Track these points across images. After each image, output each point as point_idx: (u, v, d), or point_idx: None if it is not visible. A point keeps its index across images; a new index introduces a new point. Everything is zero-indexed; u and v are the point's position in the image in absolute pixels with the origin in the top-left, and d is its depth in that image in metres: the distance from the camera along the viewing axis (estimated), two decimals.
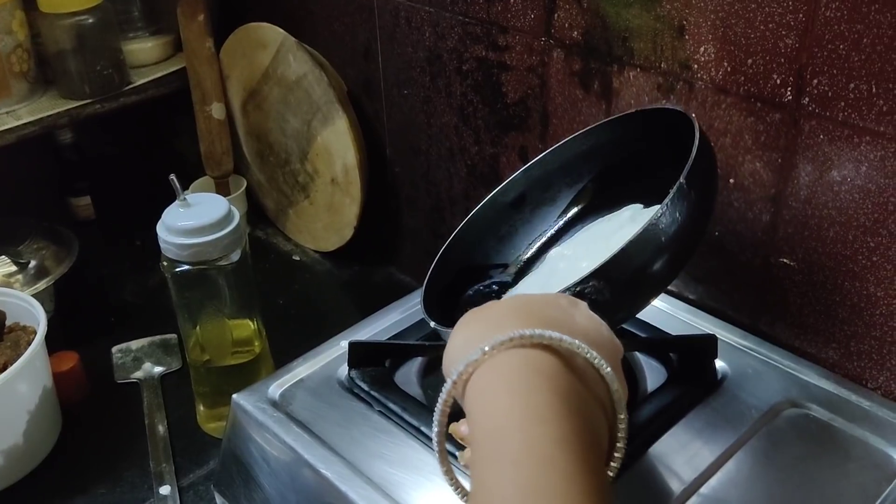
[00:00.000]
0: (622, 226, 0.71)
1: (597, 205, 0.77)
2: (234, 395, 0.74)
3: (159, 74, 1.17)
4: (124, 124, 1.25)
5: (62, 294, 1.06)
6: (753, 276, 0.76)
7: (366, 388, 0.72)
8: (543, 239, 0.78)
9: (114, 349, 1.03)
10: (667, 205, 0.58)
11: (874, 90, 0.61)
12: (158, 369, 1.00)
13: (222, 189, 1.21)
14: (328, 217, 1.14)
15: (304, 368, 0.76)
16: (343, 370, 0.75)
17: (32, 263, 1.03)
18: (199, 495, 0.84)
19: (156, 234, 0.81)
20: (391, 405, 0.71)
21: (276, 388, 0.74)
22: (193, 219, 0.79)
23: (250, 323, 0.90)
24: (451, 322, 0.68)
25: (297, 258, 1.21)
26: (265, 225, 1.27)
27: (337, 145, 1.06)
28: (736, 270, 0.77)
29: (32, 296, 1.00)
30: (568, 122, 0.84)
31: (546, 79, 0.84)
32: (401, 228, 1.11)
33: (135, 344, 1.03)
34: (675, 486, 0.63)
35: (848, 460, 0.65)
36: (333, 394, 0.73)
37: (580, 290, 0.56)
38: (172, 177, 0.80)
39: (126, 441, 0.91)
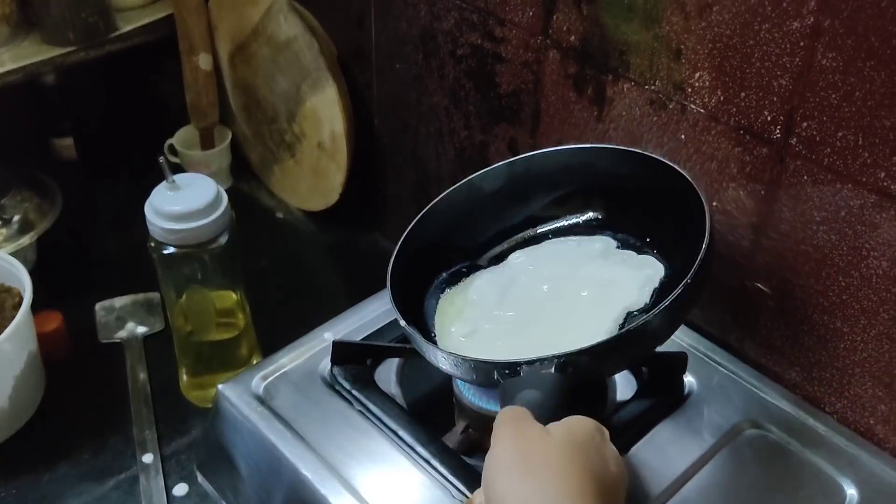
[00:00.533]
0: (591, 258, 0.73)
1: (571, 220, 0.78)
2: (220, 386, 0.76)
3: (146, 21, 1.14)
4: (109, 67, 1.23)
5: (44, 246, 1.06)
6: (728, 294, 0.78)
7: (347, 387, 0.75)
8: (512, 242, 0.79)
9: (97, 306, 1.04)
10: (665, 308, 0.60)
11: (860, 142, 0.62)
12: (142, 330, 1.01)
13: (207, 140, 1.21)
14: (313, 179, 1.14)
15: (288, 360, 0.78)
16: (326, 364, 0.77)
17: (16, 218, 1.03)
18: (181, 465, 0.87)
19: (140, 181, 0.81)
20: (370, 406, 0.73)
21: (260, 381, 0.76)
22: (182, 203, 0.80)
23: (233, 294, 0.92)
24: (412, 298, 0.72)
25: (281, 215, 1.21)
26: (249, 177, 1.27)
27: (325, 112, 1.06)
28: (712, 287, 0.79)
29: (17, 251, 1.01)
30: (559, 121, 0.84)
31: (540, 76, 0.83)
32: (387, 198, 1.12)
33: (118, 301, 1.05)
34: None
35: (800, 487, 0.68)
36: (316, 389, 0.76)
37: (566, 360, 0.58)
38: (162, 160, 0.80)
39: (109, 404, 0.93)
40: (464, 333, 0.70)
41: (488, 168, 0.78)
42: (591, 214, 0.77)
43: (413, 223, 0.75)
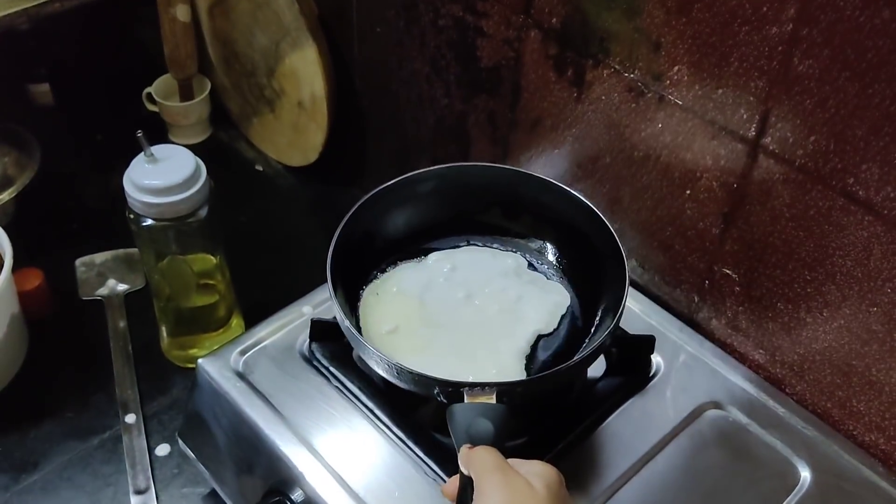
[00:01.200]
0: (503, 273, 0.78)
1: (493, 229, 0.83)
2: (200, 360, 0.78)
3: None
4: (86, 12, 1.20)
5: (23, 201, 1.06)
6: (697, 277, 0.80)
7: (324, 364, 0.77)
8: (435, 242, 0.82)
9: (77, 262, 1.05)
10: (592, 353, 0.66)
11: (832, 147, 0.64)
12: (122, 287, 1.03)
13: (186, 92, 1.19)
14: (293, 135, 1.14)
15: (266, 334, 0.80)
16: (304, 339, 0.79)
17: None
18: (163, 425, 0.90)
19: (118, 129, 0.81)
20: (347, 383, 0.76)
21: (238, 356, 0.78)
22: (161, 177, 0.80)
23: (212, 258, 0.93)
24: (351, 289, 0.75)
25: (261, 168, 1.21)
26: (228, 127, 1.26)
27: (305, 72, 1.05)
28: (682, 269, 0.81)
29: None
30: (539, 99, 0.84)
31: (521, 54, 0.83)
32: (366, 157, 1.12)
33: (98, 257, 1.05)
34: (603, 482, 0.70)
35: (757, 468, 0.72)
36: (294, 365, 0.78)
37: (506, 389, 0.63)
38: (140, 133, 0.80)
39: (92, 363, 0.95)
40: (386, 330, 0.74)
41: (427, 169, 0.79)
42: (513, 231, 0.82)
43: (351, 212, 0.75)
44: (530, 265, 0.80)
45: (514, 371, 0.71)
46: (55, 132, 1.19)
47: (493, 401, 0.61)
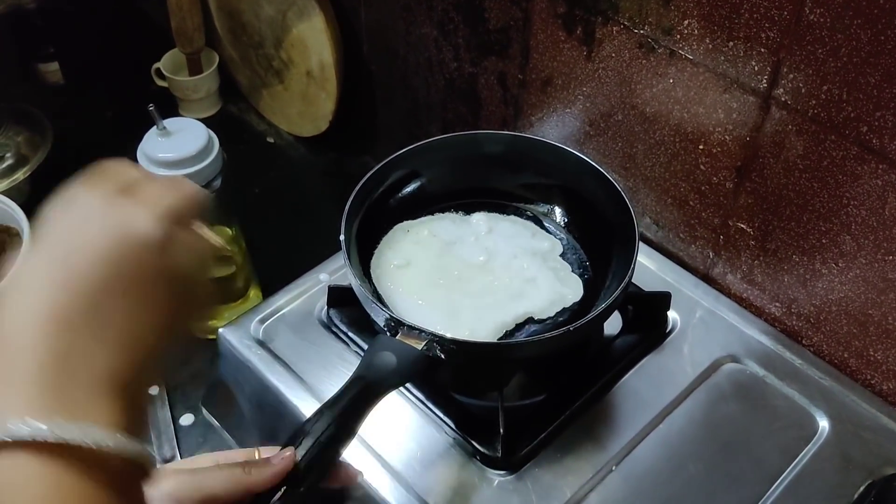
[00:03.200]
0: (533, 252, 0.79)
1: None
2: (221, 330, 0.79)
3: None
4: None
5: (38, 180, 1.07)
6: (711, 232, 0.80)
7: (343, 329, 0.78)
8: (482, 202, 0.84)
9: None
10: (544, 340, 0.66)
11: (845, 96, 0.63)
12: None
13: (194, 65, 1.19)
14: (303, 105, 1.14)
15: (285, 302, 0.81)
16: (323, 306, 0.80)
17: (8, 154, 1.03)
18: (186, 395, 0.91)
19: (128, 105, 0.81)
20: (366, 347, 0.76)
21: (258, 325, 0.79)
22: (173, 150, 0.80)
23: (228, 230, 0.93)
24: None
25: (272, 140, 1.22)
26: (238, 99, 1.26)
27: (313, 41, 1.05)
28: (696, 225, 0.81)
29: (11, 187, 1.02)
30: (549, 59, 0.84)
31: (529, 14, 0.83)
32: (377, 124, 1.12)
33: None
34: (621, 439, 0.71)
35: (775, 419, 0.73)
36: (313, 331, 0.78)
37: (438, 342, 0.63)
38: (151, 107, 0.80)
39: None
40: (397, 263, 0.76)
41: (496, 132, 0.81)
42: (559, 214, 0.82)
43: (405, 150, 0.78)
44: (563, 253, 0.79)
45: (484, 339, 0.72)
46: (66, 111, 1.19)
47: (419, 347, 0.62)
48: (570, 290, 0.76)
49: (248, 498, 0.52)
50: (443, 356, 0.64)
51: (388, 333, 0.65)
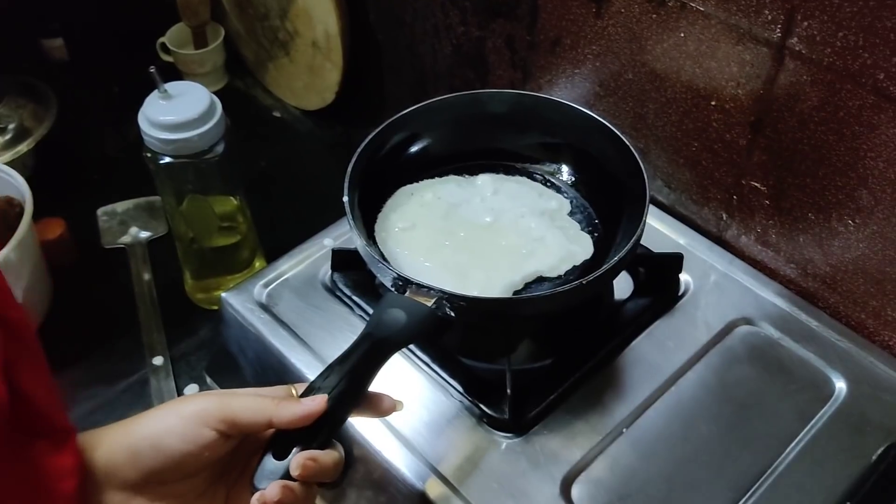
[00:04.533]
0: (540, 212, 0.77)
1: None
2: (224, 294, 0.77)
3: None
4: None
5: (42, 153, 1.06)
6: (724, 192, 0.78)
7: (347, 293, 0.76)
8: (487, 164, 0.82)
9: (99, 211, 1.05)
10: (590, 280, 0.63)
11: (861, 42, 0.61)
12: (145, 234, 1.02)
13: (199, 39, 1.18)
14: (309, 77, 1.12)
15: (289, 267, 0.79)
16: (326, 270, 0.79)
17: (11, 126, 1.03)
18: (190, 365, 0.90)
19: (133, 79, 0.80)
20: (371, 310, 0.75)
21: (262, 289, 0.77)
22: (175, 113, 0.79)
23: (233, 200, 0.92)
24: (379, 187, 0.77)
25: (278, 114, 1.20)
26: (244, 74, 1.25)
27: (318, 10, 1.03)
28: (709, 185, 0.79)
29: (15, 159, 1.01)
30: (557, 18, 0.82)
31: None
32: (384, 95, 1.11)
33: (120, 206, 1.05)
34: (631, 401, 0.69)
35: (790, 381, 0.71)
36: (317, 295, 0.77)
37: (448, 300, 0.62)
38: (153, 69, 0.79)
39: (117, 309, 0.95)
40: (402, 226, 0.75)
41: (499, 90, 0.78)
42: (566, 172, 0.80)
43: (407, 111, 0.76)
44: (572, 211, 0.77)
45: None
46: (71, 85, 1.18)
47: (429, 304, 0.61)
48: (581, 247, 0.74)
49: (270, 432, 0.52)
50: (452, 314, 0.62)
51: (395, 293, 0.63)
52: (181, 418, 0.50)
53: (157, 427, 0.50)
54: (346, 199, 0.69)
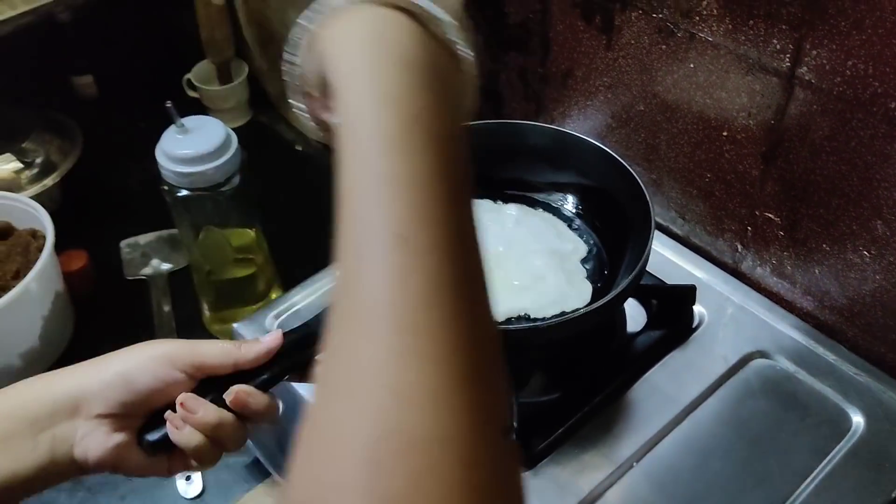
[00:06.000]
0: (553, 252, 0.76)
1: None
2: (235, 325, 0.78)
3: None
4: (123, 3, 1.23)
5: (67, 186, 1.08)
6: (738, 223, 0.77)
7: None
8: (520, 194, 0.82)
9: (122, 244, 1.06)
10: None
11: (871, 71, 0.61)
12: (166, 266, 1.04)
13: (224, 75, 1.20)
14: None
15: (301, 298, 0.80)
16: None
17: (38, 160, 1.05)
18: None
19: (159, 116, 0.81)
20: None
21: (273, 319, 0.78)
22: (192, 147, 0.80)
23: (250, 232, 0.93)
24: None
25: (300, 148, 1.22)
26: (267, 109, 1.27)
27: None
28: (723, 217, 0.78)
29: (42, 192, 1.03)
30: (568, 50, 0.83)
31: (548, 5, 0.82)
32: None
33: (142, 238, 1.07)
34: (643, 434, 0.68)
35: (806, 415, 0.69)
36: None
37: None
38: (169, 104, 0.80)
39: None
40: None
41: (540, 124, 0.79)
42: (584, 211, 0.80)
43: None
44: (586, 258, 0.77)
45: None
46: (99, 120, 1.21)
47: None
48: (577, 294, 0.73)
49: (236, 373, 0.54)
50: None
51: None
52: (152, 359, 0.53)
53: (129, 364, 0.53)
54: None
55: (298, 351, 0.56)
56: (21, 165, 1.04)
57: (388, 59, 0.38)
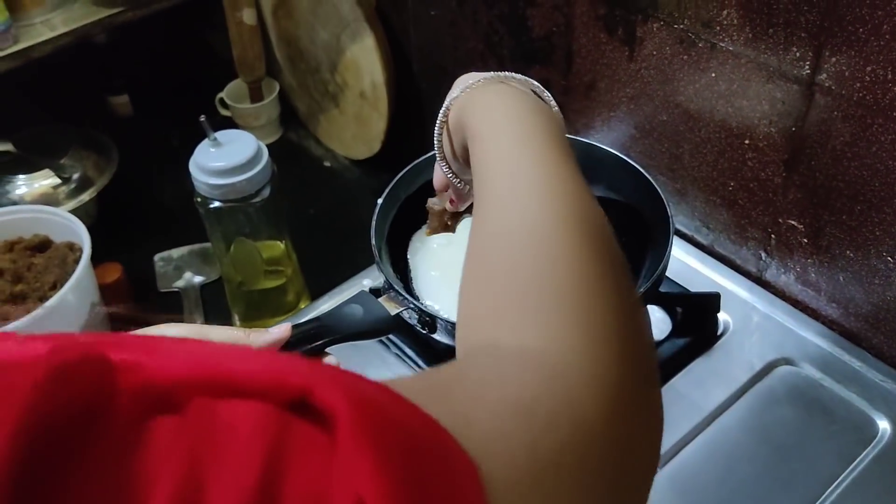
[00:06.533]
0: None
1: None
2: None
3: None
4: (159, 24, 1.26)
5: (103, 201, 1.11)
6: (762, 231, 0.78)
7: None
8: None
9: (156, 257, 1.09)
10: None
11: (890, 76, 0.61)
12: (198, 279, 1.06)
13: (255, 93, 1.23)
14: (357, 128, 1.16)
15: (327, 307, 0.81)
16: None
17: (75, 176, 1.08)
18: None
19: (193, 134, 0.84)
20: (406, 349, 0.76)
21: None
22: (224, 159, 0.82)
23: (280, 244, 0.95)
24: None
25: (328, 164, 1.24)
26: (297, 126, 1.29)
27: (365, 61, 1.07)
28: (747, 225, 0.79)
29: (78, 207, 1.06)
30: (591, 62, 0.84)
31: (571, 19, 0.83)
32: (426, 143, 1.13)
33: (175, 252, 1.09)
34: (668, 440, 0.68)
35: (832, 422, 0.69)
36: None
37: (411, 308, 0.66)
38: (203, 118, 0.83)
39: None
40: (440, 243, 0.78)
41: (572, 136, 0.79)
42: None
43: (391, 184, 0.82)
44: None
45: None
46: (134, 138, 1.24)
47: (393, 311, 0.65)
48: None
49: None
50: (420, 327, 0.67)
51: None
52: None
53: None
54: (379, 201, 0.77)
55: (307, 344, 0.57)
56: (59, 181, 1.07)
57: (513, 105, 0.50)
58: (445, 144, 0.58)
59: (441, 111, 0.57)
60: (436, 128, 0.57)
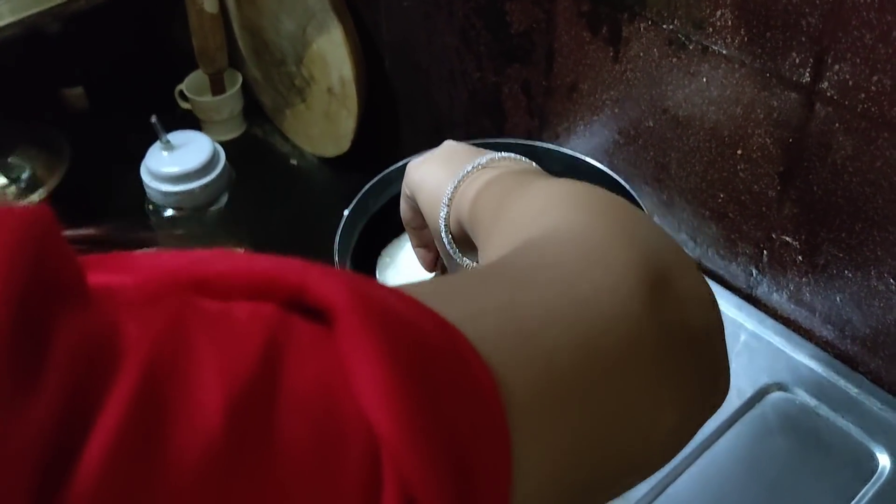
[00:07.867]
0: None
1: None
2: None
3: None
4: (115, 13, 1.19)
5: (55, 204, 1.04)
6: (754, 247, 0.73)
7: None
8: None
9: None
10: None
11: None
12: None
13: (217, 86, 1.16)
14: (325, 125, 1.10)
15: None
16: None
17: (24, 175, 1.01)
18: None
19: (149, 130, 0.78)
20: None
21: None
22: (177, 164, 0.77)
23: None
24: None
25: (295, 162, 1.18)
26: (263, 121, 1.23)
27: (333, 56, 1.01)
28: (737, 240, 0.74)
29: None
30: (573, 62, 0.78)
31: (553, 15, 0.77)
32: (400, 142, 1.08)
33: None
34: (654, 475, 0.63)
35: (828, 455, 0.65)
36: None
37: None
38: (154, 118, 0.77)
39: None
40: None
41: (557, 147, 0.74)
42: None
43: (358, 196, 0.77)
44: None
45: None
46: (88, 134, 1.17)
47: None
48: None
49: None
50: None
51: None
52: None
53: None
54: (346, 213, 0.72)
55: None
56: (6, 181, 1.01)
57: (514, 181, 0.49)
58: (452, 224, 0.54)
59: (445, 196, 0.53)
60: (441, 214, 0.53)
